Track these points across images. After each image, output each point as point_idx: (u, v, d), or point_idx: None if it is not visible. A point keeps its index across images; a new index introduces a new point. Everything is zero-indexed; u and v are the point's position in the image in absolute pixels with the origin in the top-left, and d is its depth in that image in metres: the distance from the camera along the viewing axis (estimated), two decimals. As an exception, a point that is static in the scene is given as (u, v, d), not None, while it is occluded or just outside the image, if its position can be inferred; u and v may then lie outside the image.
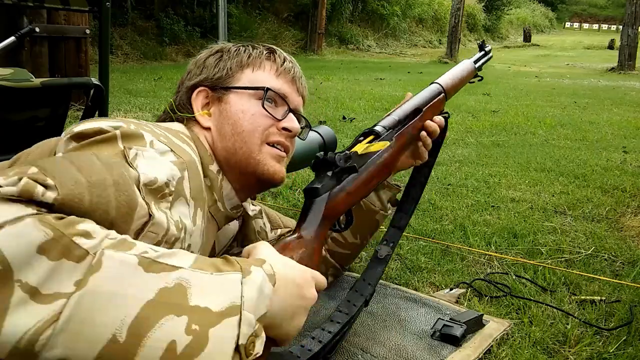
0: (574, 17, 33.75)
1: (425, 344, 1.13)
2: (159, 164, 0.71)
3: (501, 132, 3.73)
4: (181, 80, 1.01)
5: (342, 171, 0.94)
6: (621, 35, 11.07)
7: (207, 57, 1.00)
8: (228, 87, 0.96)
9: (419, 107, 1.13)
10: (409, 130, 1.09)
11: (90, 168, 0.62)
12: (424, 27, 17.19)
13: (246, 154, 0.93)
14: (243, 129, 0.93)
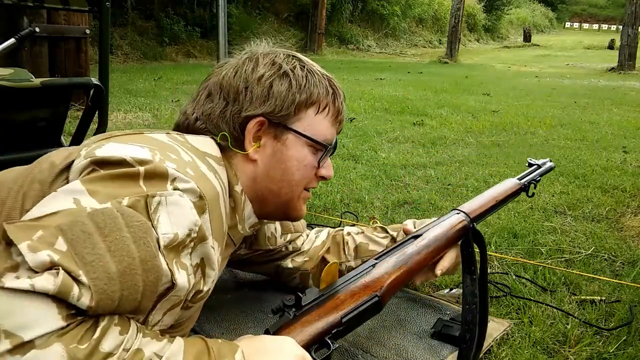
0: (574, 17, 33.75)
1: (426, 344, 1.13)
2: (180, 214, 0.70)
3: (501, 132, 3.73)
4: (228, 93, 0.88)
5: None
6: (621, 35, 11.07)
7: (273, 81, 0.88)
8: (291, 128, 0.89)
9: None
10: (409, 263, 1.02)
11: (121, 250, 0.64)
12: (424, 27, 17.19)
13: (287, 197, 0.93)
14: (294, 177, 0.91)
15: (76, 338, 0.60)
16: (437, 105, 4.83)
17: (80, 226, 0.63)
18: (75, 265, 0.61)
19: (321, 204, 2.00)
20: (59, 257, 0.60)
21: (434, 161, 2.75)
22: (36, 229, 0.62)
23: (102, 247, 0.63)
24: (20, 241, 0.60)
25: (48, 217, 0.64)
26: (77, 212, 0.65)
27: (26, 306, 0.59)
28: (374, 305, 0.95)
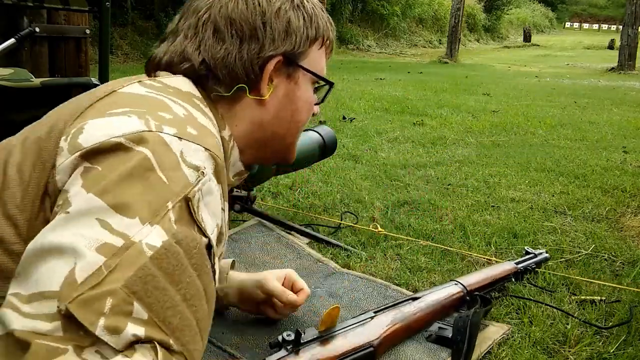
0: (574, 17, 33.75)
1: (424, 347, 1.13)
2: (214, 201, 0.63)
3: (501, 132, 3.73)
4: (243, 29, 0.75)
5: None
6: (621, 35, 11.07)
7: (290, 15, 0.79)
8: (301, 65, 0.82)
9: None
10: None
11: (194, 296, 0.57)
12: (424, 27, 17.20)
13: (292, 140, 0.87)
14: (301, 118, 0.85)
15: None
16: (437, 105, 4.83)
17: (151, 281, 0.53)
18: (163, 335, 0.53)
19: (321, 204, 2.00)
20: (144, 331, 0.51)
21: (434, 161, 2.75)
22: (103, 298, 0.50)
23: (179, 299, 0.55)
24: (94, 325, 0.49)
25: (111, 275, 0.51)
26: (136, 258, 0.53)
27: None
28: (368, 355, 1.01)
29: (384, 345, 1.06)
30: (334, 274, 1.46)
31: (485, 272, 1.34)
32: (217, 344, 1.09)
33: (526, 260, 1.48)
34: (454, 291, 1.22)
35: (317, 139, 1.74)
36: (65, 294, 0.50)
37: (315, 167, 2.42)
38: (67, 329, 0.49)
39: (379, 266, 1.51)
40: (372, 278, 1.43)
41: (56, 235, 0.54)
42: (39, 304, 0.50)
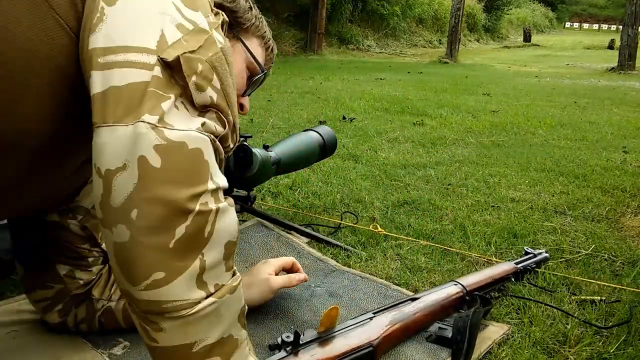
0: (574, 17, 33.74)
1: (424, 347, 1.13)
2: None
3: (501, 132, 3.73)
4: None
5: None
6: (621, 35, 11.06)
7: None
8: (240, 38, 1.00)
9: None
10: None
11: (233, 83, 0.77)
12: (424, 27, 17.19)
13: None
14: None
15: None
16: (437, 105, 4.83)
17: (223, 64, 0.72)
18: (226, 105, 0.71)
19: (321, 204, 2.00)
20: (216, 97, 0.70)
21: (434, 161, 2.75)
22: (197, 61, 0.68)
23: (232, 83, 0.73)
24: (190, 77, 0.67)
25: (201, 50, 0.69)
26: (213, 44, 0.71)
27: (213, 151, 0.68)
28: (368, 355, 1.02)
29: (383, 345, 1.06)
30: (334, 272, 1.46)
31: (485, 273, 1.34)
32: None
33: (526, 260, 1.48)
34: (454, 291, 1.22)
35: (317, 139, 1.74)
36: (161, 51, 0.66)
37: (315, 167, 2.42)
38: (165, 73, 0.66)
39: (379, 266, 1.51)
40: (373, 277, 1.43)
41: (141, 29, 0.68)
42: (137, 54, 0.65)
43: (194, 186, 0.64)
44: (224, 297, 0.68)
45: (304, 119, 3.83)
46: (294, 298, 1.30)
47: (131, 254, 0.63)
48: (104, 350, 1.07)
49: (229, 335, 0.71)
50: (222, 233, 0.67)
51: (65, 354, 1.04)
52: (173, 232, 0.62)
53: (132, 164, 0.61)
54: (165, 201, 0.61)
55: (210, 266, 0.66)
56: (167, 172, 0.62)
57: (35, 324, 1.14)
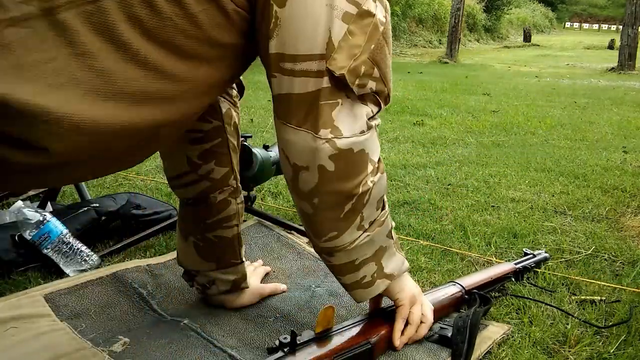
0: (574, 17, 33.75)
1: (425, 347, 1.12)
2: None
3: (501, 132, 3.73)
4: None
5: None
6: (621, 35, 11.06)
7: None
8: None
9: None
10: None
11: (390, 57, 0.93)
12: (424, 27, 17.18)
13: None
14: None
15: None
16: (437, 105, 4.83)
17: (382, 49, 0.82)
18: (384, 87, 0.86)
19: (321, 204, 2.00)
20: (376, 85, 0.84)
21: (434, 161, 2.75)
22: (360, 67, 0.80)
23: (390, 59, 0.85)
24: (353, 83, 0.81)
25: (365, 46, 0.80)
26: (375, 31, 0.80)
27: (374, 136, 0.90)
28: (366, 352, 1.02)
29: (381, 344, 1.06)
30: (334, 273, 1.46)
31: (484, 273, 1.34)
32: (218, 345, 1.09)
33: (525, 260, 1.48)
34: (453, 291, 1.23)
35: (317, 139, 1.74)
36: (329, 56, 0.79)
37: (315, 167, 2.41)
38: (332, 82, 0.80)
39: (379, 266, 1.51)
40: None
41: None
42: (312, 62, 0.79)
43: (358, 176, 0.87)
44: (375, 230, 0.95)
45: (304, 118, 3.83)
46: (294, 299, 1.30)
47: (314, 222, 0.92)
48: (103, 347, 1.07)
49: (379, 247, 0.98)
50: (376, 195, 0.92)
51: (65, 352, 1.04)
52: (343, 208, 0.88)
53: (313, 169, 0.84)
54: (338, 192, 0.87)
55: (366, 217, 0.92)
56: (339, 172, 0.84)
57: (35, 320, 1.14)
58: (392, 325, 1.08)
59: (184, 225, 1.20)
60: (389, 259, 1.01)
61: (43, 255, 1.40)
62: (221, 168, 1.14)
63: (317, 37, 0.78)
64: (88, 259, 1.43)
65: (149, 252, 1.55)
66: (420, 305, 1.10)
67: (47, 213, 1.48)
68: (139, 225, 1.66)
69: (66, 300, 1.24)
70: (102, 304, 1.25)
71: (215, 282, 1.21)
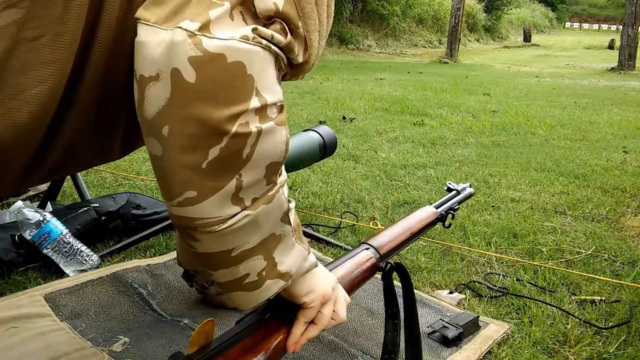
0: (574, 17, 33.76)
1: (425, 345, 1.13)
2: None
3: (501, 132, 3.73)
4: None
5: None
6: (621, 35, 11.06)
7: None
8: None
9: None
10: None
11: (326, 4, 0.68)
12: (424, 27, 17.19)
13: None
14: None
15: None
16: (437, 105, 4.83)
17: None
18: (296, 14, 0.61)
19: (321, 204, 2.00)
20: (283, 5, 0.59)
21: (434, 161, 2.75)
22: None
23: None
24: None
25: None
26: None
27: (267, 61, 0.60)
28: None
29: (277, 354, 0.81)
30: (334, 273, 1.45)
31: (401, 226, 1.11)
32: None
33: (448, 200, 1.26)
34: (364, 259, 1.00)
35: (317, 139, 1.74)
36: None
37: (315, 167, 2.42)
38: None
39: (379, 266, 1.51)
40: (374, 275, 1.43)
41: None
42: None
43: (231, 105, 0.58)
44: (259, 208, 0.66)
45: (304, 119, 3.83)
46: (294, 298, 1.30)
47: (165, 169, 0.61)
48: (104, 347, 1.07)
49: (270, 234, 0.70)
50: (263, 155, 0.62)
51: (65, 351, 1.04)
52: (206, 152, 0.59)
53: (165, 75, 0.56)
54: (198, 120, 0.57)
55: (248, 185, 0.63)
56: (201, 88, 0.56)
57: (35, 320, 1.14)
58: (289, 326, 0.82)
59: None
60: (284, 252, 0.73)
61: (43, 255, 1.40)
62: None
63: None
64: (88, 259, 1.43)
65: (149, 252, 1.55)
66: (334, 302, 0.85)
67: (47, 213, 1.48)
68: (139, 225, 1.66)
69: (66, 300, 1.24)
70: (102, 304, 1.25)
71: (214, 282, 1.20)
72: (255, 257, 0.69)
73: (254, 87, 0.59)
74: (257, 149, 0.61)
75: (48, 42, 0.58)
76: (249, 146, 0.60)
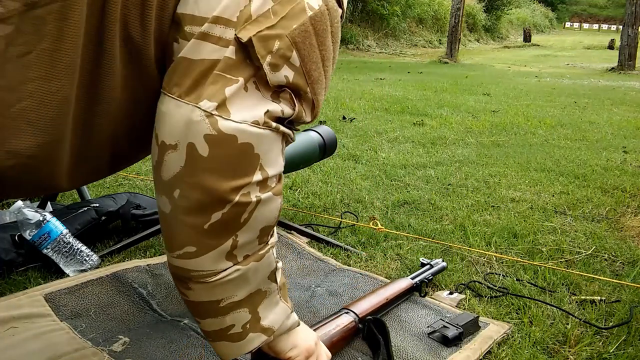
0: (574, 17, 33.77)
1: (426, 345, 1.13)
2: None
3: (501, 132, 3.73)
4: None
5: None
6: (621, 35, 11.06)
7: None
8: None
9: None
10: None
11: (328, 59, 0.73)
12: (424, 27, 17.18)
13: None
14: None
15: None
16: (437, 105, 4.83)
17: (307, 37, 0.67)
18: (305, 83, 0.68)
19: (321, 204, 2.00)
20: (293, 76, 0.67)
21: (434, 161, 2.75)
22: (273, 39, 0.64)
23: (319, 58, 0.69)
24: (264, 58, 0.64)
25: (282, 22, 0.65)
26: (300, 13, 0.66)
27: (274, 141, 0.68)
28: None
29: None
30: (335, 271, 1.46)
31: (379, 295, 1.23)
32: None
33: (422, 272, 1.39)
34: (345, 322, 1.10)
35: (317, 139, 1.74)
36: (241, 25, 0.64)
37: (315, 167, 2.42)
38: (239, 54, 0.64)
39: (379, 266, 1.51)
40: (374, 275, 1.44)
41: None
42: (215, 26, 0.64)
43: (237, 179, 0.66)
44: (249, 264, 0.73)
45: (304, 118, 3.83)
46: (294, 299, 1.29)
47: (170, 225, 0.69)
48: (103, 347, 1.07)
49: (257, 290, 0.76)
50: (259, 219, 0.70)
51: (65, 351, 1.04)
52: (209, 216, 0.66)
53: (182, 147, 0.64)
54: (205, 189, 0.65)
55: (242, 244, 0.70)
56: (212, 162, 0.64)
57: (35, 320, 1.14)
58: None
59: None
60: (268, 308, 0.78)
61: (43, 255, 1.40)
62: None
63: (232, 3, 0.64)
64: (88, 259, 1.43)
65: (149, 252, 1.55)
66: (317, 356, 0.91)
67: (47, 213, 1.48)
68: (139, 225, 1.66)
69: (66, 300, 1.24)
70: (102, 304, 1.25)
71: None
72: (241, 309, 0.75)
73: (259, 163, 0.67)
74: (254, 215, 0.69)
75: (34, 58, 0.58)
76: (248, 212, 0.68)
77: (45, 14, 0.58)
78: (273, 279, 0.78)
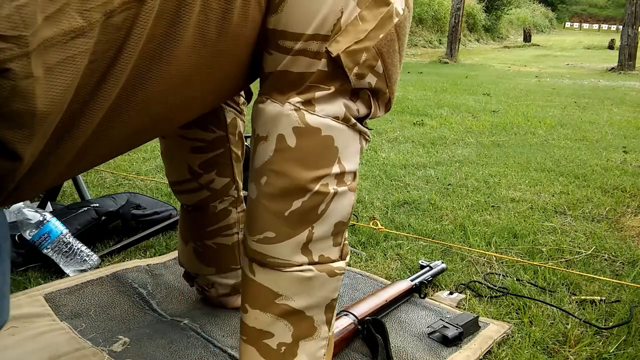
0: (574, 17, 33.76)
1: (425, 345, 1.13)
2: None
3: (501, 132, 3.73)
4: None
5: None
6: (621, 35, 11.05)
7: None
8: None
9: None
10: None
11: (402, 57, 0.79)
12: (424, 27, 17.18)
13: None
14: None
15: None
16: (437, 105, 4.83)
17: (392, 44, 0.73)
18: (385, 86, 0.75)
19: (321, 204, 2.00)
20: (376, 82, 0.74)
21: (434, 161, 2.75)
22: (361, 52, 0.71)
23: (398, 60, 0.75)
24: (350, 70, 0.71)
25: (371, 33, 0.70)
26: (388, 21, 0.71)
27: (351, 137, 0.75)
28: None
29: None
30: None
31: (378, 296, 1.24)
32: (218, 344, 1.09)
33: (422, 275, 1.39)
34: (345, 324, 1.12)
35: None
36: (332, 37, 0.70)
37: (315, 167, 2.41)
38: (330, 66, 0.71)
39: (379, 266, 1.51)
40: (374, 276, 1.44)
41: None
42: (312, 42, 0.70)
43: (318, 169, 0.72)
44: (322, 273, 0.76)
45: (304, 118, 3.83)
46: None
47: (254, 210, 0.75)
48: (103, 347, 1.07)
49: (310, 316, 0.77)
50: (335, 213, 0.75)
51: (65, 351, 1.04)
52: (290, 203, 0.72)
53: (272, 138, 0.72)
54: (290, 177, 0.71)
55: (316, 238, 0.75)
56: (298, 152, 0.71)
57: (35, 320, 1.14)
58: None
59: (184, 230, 1.20)
60: (308, 351, 0.78)
61: (43, 255, 1.40)
62: (222, 178, 1.13)
63: (325, 18, 0.69)
64: (88, 259, 1.43)
65: (149, 252, 1.55)
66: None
67: (47, 213, 1.48)
68: (139, 225, 1.66)
69: (66, 300, 1.24)
70: (102, 304, 1.25)
71: (214, 285, 1.21)
72: (288, 323, 0.76)
73: (337, 156, 0.73)
74: (331, 207, 0.74)
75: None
76: (325, 203, 0.74)
77: (120, 21, 0.57)
78: (329, 317, 0.80)
